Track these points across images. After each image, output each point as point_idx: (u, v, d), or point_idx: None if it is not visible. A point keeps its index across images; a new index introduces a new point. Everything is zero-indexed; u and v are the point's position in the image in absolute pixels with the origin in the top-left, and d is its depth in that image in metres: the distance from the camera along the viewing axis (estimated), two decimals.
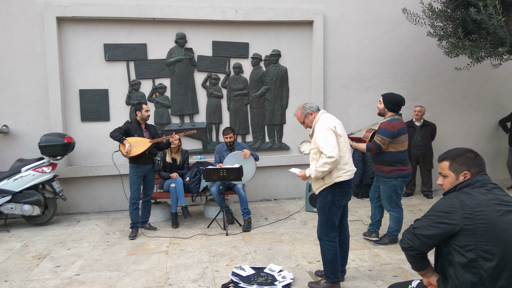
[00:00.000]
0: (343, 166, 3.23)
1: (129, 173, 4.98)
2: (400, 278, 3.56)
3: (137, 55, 6.19)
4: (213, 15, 6.24)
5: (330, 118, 3.35)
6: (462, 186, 2.08)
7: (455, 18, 5.48)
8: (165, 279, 3.68)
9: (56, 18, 5.80)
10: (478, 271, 1.90)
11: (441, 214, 1.99)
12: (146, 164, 5.00)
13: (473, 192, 2.00)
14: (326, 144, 3.13)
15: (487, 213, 1.91)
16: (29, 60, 5.84)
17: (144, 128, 5.04)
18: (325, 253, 3.31)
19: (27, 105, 5.89)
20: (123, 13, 5.97)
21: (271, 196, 6.84)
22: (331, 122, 3.27)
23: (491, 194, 1.99)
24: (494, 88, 7.45)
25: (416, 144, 6.50)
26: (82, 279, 3.74)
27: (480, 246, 1.89)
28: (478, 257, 1.90)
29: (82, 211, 6.20)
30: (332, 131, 3.20)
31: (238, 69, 6.51)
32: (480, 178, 2.06)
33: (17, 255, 4.40)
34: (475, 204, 1.94)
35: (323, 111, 3.44)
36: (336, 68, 6.79)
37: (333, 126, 3.24)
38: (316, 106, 3.47)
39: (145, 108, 4.98)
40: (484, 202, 1.94)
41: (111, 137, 4.85)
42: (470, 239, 1.91)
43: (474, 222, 1.91)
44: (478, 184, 2.04)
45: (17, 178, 5.30)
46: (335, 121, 3.32)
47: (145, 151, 4.86)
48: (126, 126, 4.94)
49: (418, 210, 5.95)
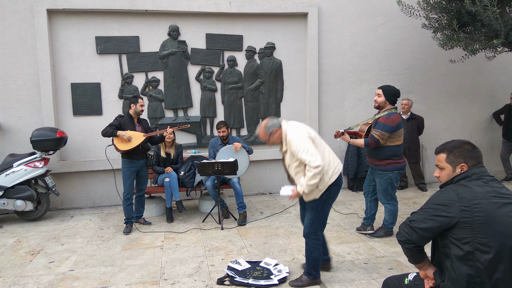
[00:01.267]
0: (329, 166, 3.17)
1: (121, 168, 4.92)
2: (395, 271, 3.57)
3: (129, 48, 6.11)
4: (206, 7, 6.17)
5: (297, 126, 3.21)
6: (459, 179, 2.07)
7: (450, 10, 5.46)
8: (160, 274, 3.66)
9: (47, 11, 5.70)
10: (475, 263, 1.90)
11: (438, 207, 1.98)
12: (140, 159, 4.93)
13: (470, 184, 1.99)
14: (307, 155, 2.99)
15: (484, 206, 1.91)
16: (19, 53, 5.75)
17: (136, 122, 4.96)
18: (311, 251, 3.29)
19: (18, 99, 5.80)
20: (115, 5, 5.88)
21: (266, 190, 6.83)
22: (301, 130, 3.15)
23: (488, 186, 1.98)
24: (489, 80, 7.47)
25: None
26: (76, 274, 3.71)
27: (477, 239, 1.89)
28: (475, 249, 1.89)
29: (75, 206, 6.15)
30: (308, 138, 3.10)
31: (232, 62, 6.45)
32: (477, 170, 2.05)
33: (10, 251, 4.36)
34: (472, 197, 1.93)
35: (284, 121, 3.27)
36: (331, 60, 6.76)
37: (306, 132, 3.13)
38: (277, 122, 3.25)
39: (141, 102, 4.88)
40: (481, 195, 1.94)
41: (104, 135, 4.74)
42: (467, 232, 1.90)
43: (471, 215, 1.90)
44: (475, 177, 2.03)
45: (9, 173, 5.24)
46: (302, 126, 3.22)
47: (139, 145, 4.80)
48: (118, 120, 4.84)
49: (413, 203, 5.97)
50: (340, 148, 6.89)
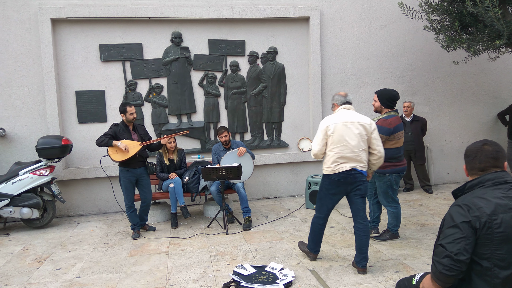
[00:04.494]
0: (326, 160, 3.68)
1: (119, 178, 4.89)
2: (401, 274, 3.55)
3: (133, 55, 6.16)
4: (208, 13, 6.20)
5: (329, 117, 3.80)
6: (470, 185, 1.98)
7: (452, 12, 5.46)
8: (166, 280, 3.66)
9: (51, 20, 5.76)
10: (493, 280, 1.84)
11: (462, 225, 1.86)
12: (137, 168, 4.86)
13: (487, 196, 1.89)
14: (314, 140, 3.77)
15: (505, 221, 1.82)
16: (24, 62, 5.81)
17: (132, 130, 4.90)
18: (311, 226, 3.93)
19: (23, 107, 5.86)
20: (118, 13, 5.94)
21: (271, 194, 6.82)
22: (324, 122, 3.77)
23: (507, 198, 1.87)
24: (493, 81, 7.43)
25: (407, 140, 6.44)
26: (83, 281, 3.73)
27: (496, 255, 1.83)
28: (493, 266, 1.84)
29: (81, 213, 6.18)
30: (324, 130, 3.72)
31: (235, 67, 6.48)
32: (492, 176, 1.94)
33: (17, 259, 4.38)
34: (491, 211, 1.83)
35: (342, 108, 3.79)
36: (333, 64, 6.77)
37: (326, 126, 3.70)
38: (340, 101, 3.83)
39: (130, 111, 4.75)
40: (501, 208, 1.83)
41: (98, 145, 4.69)
42: (486, 248, 1.84)
43: (491, 231, 1.82)
44: (489, 184, 1.93)
45: (15, 182, 5.27)
46: (331, 119, 3.75)
47: (136, 154, 4.74)
48: (113, 129, 4.77)
49: (419, 205, 5.94)
50: None
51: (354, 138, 3.51)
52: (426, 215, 5.39)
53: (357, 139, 3.51)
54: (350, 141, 3.50)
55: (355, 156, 3.50)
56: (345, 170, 3.51)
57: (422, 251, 4.10)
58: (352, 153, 3.50)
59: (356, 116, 3.64)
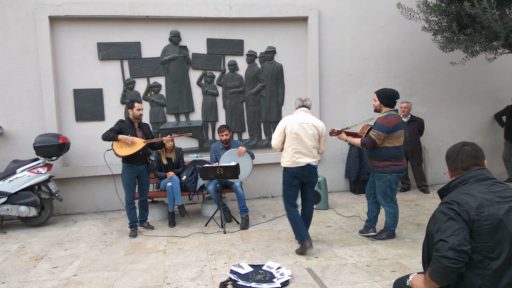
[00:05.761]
0: (285, 154, 4.24)
1: (121, 174, 4.93)
2: (398, 273, 3.56)
3: (131, 54, 6.15)
4: (207, 12, 6.21)
5: (287, 118, 4.27)
6: (454, 184, 2.05)
7: (450, 13, 5.48)
8: (163, 278, 3.67)
9: (49, 18, 5.75)
10: (484, 271, 1.87)
11: (457, 218, 1.90)
12: (140, 165, 4.93)
13: (473, 191, 1.95)
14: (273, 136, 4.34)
15: (492, 213, 1.87)
16: (22, 60, 5.80)
17: (137, 127, 4.97)
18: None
19: (21, 106, 5.85)
20: (116, 11, 5.93)
21: (269, 193, 6.83)
22: (282, 122, 4.24)
23: (490, 192, 1.94)
24: (490, 82, 7.46)
25: (404, 140, 6.43)
26: (80, 279, 3.73)
27: (486, 247, 1.86)
28: (484, 258, 1.86)
29: (78, 211, 6.18)
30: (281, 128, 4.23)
31: (233, 67, 6.48)
32: (473, 173, 2.02)
33: (14, 257, 4.38)
34: (477, 205, 1.89)
35: (299, 110, 4.26)
36: (331, 64, 6.78)
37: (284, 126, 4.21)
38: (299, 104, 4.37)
39: (137, 106, 4.87)
40: (487, 202, 1.89)
41: (104, 139, 4.76)
42: (476, 241, 1.87)
43: (481, 224, 1.86)
44: (472, 181, 2.00)
45: (12, 179, 5.27)
46: (288, 120, 4.22)
47: (139, 151, 4.81)
48: (119, 125, 4.85)
49: (415, 205, 5.96)
50: (342, 151, 6.90)
51: (308, 137, 4.09)
52: (422, 215, 5.42)
53: (310, 137, 4.11)
54: (305, 138, 4.08)
55: (308, 152, 4.10)
56: (301, 165, 4.08)
57: (418, 251, 4.11)
58: (306, 149, 4.09)
59: (311, 118, 4.20)
